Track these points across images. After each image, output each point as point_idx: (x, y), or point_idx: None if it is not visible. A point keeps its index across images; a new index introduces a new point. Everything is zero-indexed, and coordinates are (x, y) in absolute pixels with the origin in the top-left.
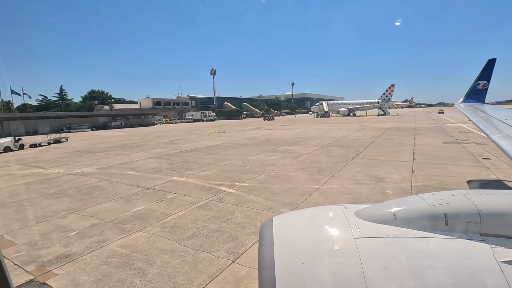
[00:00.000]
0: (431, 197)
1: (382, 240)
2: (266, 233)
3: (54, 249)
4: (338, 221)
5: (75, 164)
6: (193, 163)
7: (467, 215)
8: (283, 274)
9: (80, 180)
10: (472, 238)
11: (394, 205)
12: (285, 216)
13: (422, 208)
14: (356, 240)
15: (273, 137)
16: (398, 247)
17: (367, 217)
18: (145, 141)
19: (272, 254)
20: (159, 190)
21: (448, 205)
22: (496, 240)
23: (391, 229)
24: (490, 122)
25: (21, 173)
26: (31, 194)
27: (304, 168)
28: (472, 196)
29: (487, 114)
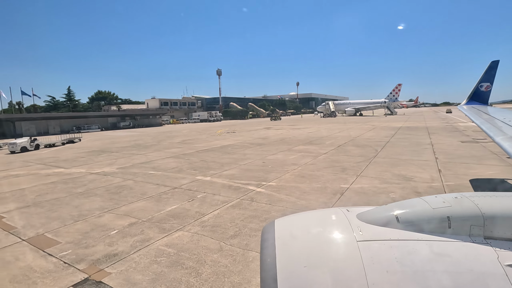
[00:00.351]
0: (434, 199)
1: (384, 243)
2: (268, 236)
3: (99, 247)
4: (340, 224)
5: (95, 164)
6: (213, 163)
7: (471, 218)
8: (285, 277)
9: (104, 180)
10: (475, 241)
11: (396, 208)
12: (287, 219)
13: (425, 211)
14: (358, 243)
15: (285, 137)
16: (401, 250)
17: (370, 220)
18: (158, 141)
19: (274, 257)
20: (187, 190)
21: (451, 208)
22: (500, 243)
23: (394, 232)
24: (493, 123)
25: (44, 173)
26: (60, 193)
27: (327, 167)
28: (475, 199)
29: (490, 116)
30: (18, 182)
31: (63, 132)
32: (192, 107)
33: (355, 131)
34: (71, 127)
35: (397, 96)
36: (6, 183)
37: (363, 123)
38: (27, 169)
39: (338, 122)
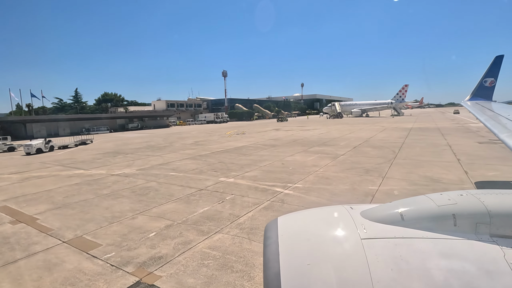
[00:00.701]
0: (439, 197)
1: (389, 241)
2: (271, 233)
3: (142, 250)
4: (344, 222)
5: (113, 165)
6: (232, 164)
7: (476, 215)
8: (288, 275)
9: (127, 181)
10: (481, 239)
11: (401, 205)
12: (290, 216)
13: (430, 209)
14: (362, 241)
15: (297, 138)
16: (406, 248)
17: (374, 217)
18: (169, 142)
19: (277, 255)
20: (214, 191)
21: (456, 205)
22: (506, 241)
23: (398, 229)
24: (497, 120)
25: (65, 174)
26: (87, 194)
27: (349, 169)
28: (481, 196)
29: (495, 113)
30: (42, 183)
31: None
32: (198, 108)
33: (366, 132)
34: (80, 128)
35: (403, 97)
36: (31, 184)
37: (371, 124)
38: (47, 170)
39: (347, 123)
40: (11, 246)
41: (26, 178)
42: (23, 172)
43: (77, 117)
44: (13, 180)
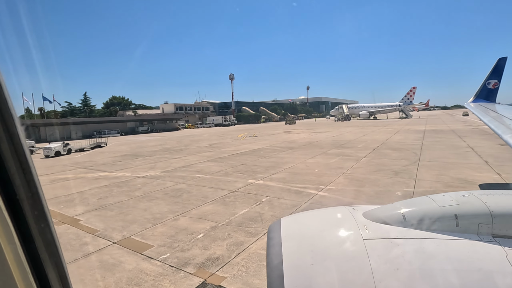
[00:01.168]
0: (441, 198)
1: (391, 241)
2: (274, 234)
3: (196, 251)
4: (347, 222)
5: (136, 168)
6: (255, 166)
7: (479, 216)
8: (291, 275)
9: (156, 183)
10: (484, 240)
11: (403, 206)
12: (293, 217)
13: (432, 209)
14: (365, 242)
15: (312, 141)
16: (408, 248)
17: (376, 218)
18: (184, 145)
19: (281, 255)
20: (247, 193)
21: (458, 206)
22: (509, 242)
23: (401, 230)
24: (501, 121)
25: (91, 176)
26: (121, 196)
27: (376, 171)
28: (483, 197)
29: (498, 114)
30: (72, 185)
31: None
32: (206, 111)
33: (380, 135)
34: (91, 132)
35: (411, 99)
36: (60, 186)
37: (382, 126)
38: (71, 173)
39: (357, 126)
40: (64, 247)
41: (53, 181)
42: (48, 175)
43: (89, 120)
44: (41, 182)
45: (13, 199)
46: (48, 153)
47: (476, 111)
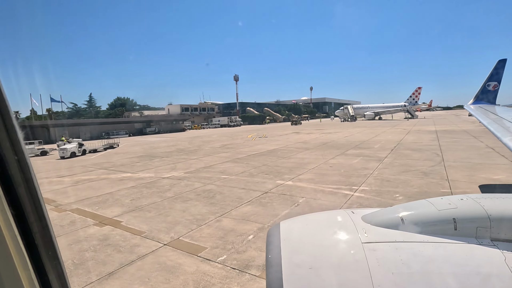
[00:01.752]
0: (439, 201)
1: (390, 245)
2: (273, 238)
3: (253, 253)
4: (345, 226)
5: (157, 169)
6: (277, 167)
7: (477, 219)
8: (291, 279)
9: (183, 184)
10: (482, 243)
11: (401, 209)
12: (292, 221)
13: (431, 213)
14: (363, 245)
15: (325, 141)
16: (407, 252)
17: (375, 221)
18: (197, 146)
19: (280, 259)
20: (281, 194)
21: (457, 210)
22: (507, 245)
23: (399, 233)
24: (501, 123)
25: (114, 177)
26: (153, 197)
27: (404, 171)
28: (482, 201)
29: (498, 116)
30: (98, 186)
31: (93, 138)
32: (211, 112)
33: (392, 135)
34: (100, 132)
35: (417, 99)
36: (87, 187)
37: (391, 127)
38: (93, 174)
39: (365, 126)
40: (116, 248)
41: (78, 182)
42: (71, 176)
43: (98, 121)
44: (66, 183)
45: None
46: (64, 154)
47: (476, 113)
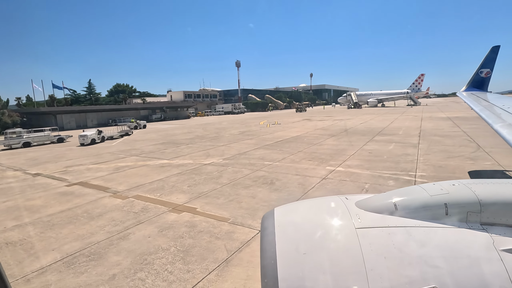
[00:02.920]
0: (432, 187)
1: (382, 230)
2: (267, 224)
3: None
4: (339, 212)
5: (191, 155)
6: (315, 153)
7: (468, 204)
8: (285, 264)
9: (231, 171)
10: (472, 227)
11: (395, 195)
12: (287, 207)
13: (423, 198)
14: (357, 230)
15: (344, 128)
16: (399, 236)
17: (368, 207)
18: (215, 133)
19: (274, 245)
20: (341, 180)
21: (448, 195)
22: (496, 229)
23: (392, 219)
24: (492, 110)
25: (153, 164)
26: (209, 184)
27: (449, 157)
28: (473, 186)
29: (490, 103)
30: (143, 173)
31: (99, 125)
32: (213, 99)
33: (408, 122)
34: (106, 120)
35: (419, 86)
36: (132, 174)
37: (400, 114)
38: (127, 161)
39: (373, 113)
40: (211, 235)
41: (118, 169)
42: (105, 163)
43: (103, 108)
44: (106, 170)
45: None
46: (84, 141)
47: (468, 100)
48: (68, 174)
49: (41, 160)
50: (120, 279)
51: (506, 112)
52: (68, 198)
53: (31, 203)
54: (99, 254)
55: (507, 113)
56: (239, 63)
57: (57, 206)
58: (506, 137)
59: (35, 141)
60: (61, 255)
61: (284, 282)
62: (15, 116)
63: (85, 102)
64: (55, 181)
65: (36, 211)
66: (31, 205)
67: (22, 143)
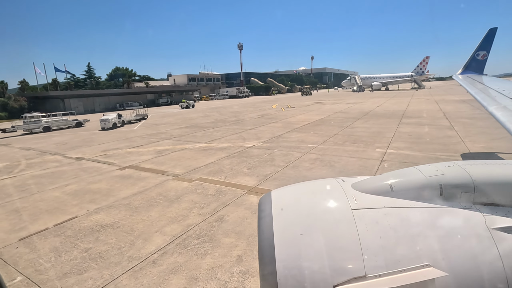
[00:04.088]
0: (427, 168)
1: (378, 211)
2: (265, 206)
3: None
4: (336, 194)
5: (225, 139)
6: (353, 136)
7: (462, 185)
8: (282, 245)
9: (280, 153)
10: (465, 207)
11: (391, 177)
12: (284, 189)
13: (418, 179)
14: (353, 212)
15: (363, 111)
16: (394, 217)
17: (364, 189)
18: (233, 116)
19: (271, 227)
20: (401, 162)
21: (443, 176)
22: (488, 209)
23: (388, 200)
24: (487, 93)
25: (193, 147)
26: (267, 166)
27: (494, 139)
28: (467, 167)
29: (485, 86)
30: (190, 156)
31: (107, 110)
32: (217, 83)
33: (425, 105)
34: (114, 104)
35: (424, 69)
36: (179, 157)
37: (410, 97)
38: (164, 144)
39: (382, 97)
40: None
41: (160, 152)
42: (141, 147)
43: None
44: (148, 154)
45: None
46: (106, 125)
47: (464, 83)
48: (111, 158)
49: (71, 144)
50: (248, 261)
51: (500, 95)
52: (130, 181)
53: (96, 186)
54: (207, 236)
55: (502, 96)
56: (241, 45)
57: (125, 189)
58: (500, 119)
59: (54, 126)
60: (169, 237)
61: (281, 262)
62: (22, 100)
63: (85, 86)
64: (104, 165)
65: (108, 194)
66: (97, 188)
67: (42, 127)
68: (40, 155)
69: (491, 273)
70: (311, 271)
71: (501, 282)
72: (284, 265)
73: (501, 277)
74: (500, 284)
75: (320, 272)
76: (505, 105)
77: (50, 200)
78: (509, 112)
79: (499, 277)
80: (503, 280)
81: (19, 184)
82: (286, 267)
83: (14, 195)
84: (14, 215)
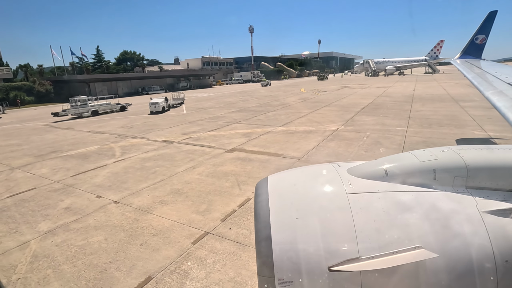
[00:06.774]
0: (422, 153)
1: (373, 195)
2: (261, 191)
3: None
4: (331, 178)
5: (294, 123)
6: (418, 119)
7: (455, 169)
8: (278, 229)
9: (377, 136)
10: (458, 191)
11: (386, 162)
12: (280, 174)
13: (413, 164)
14: (348, 196)
15: (406, 94)
16: (388, 201)
17: (360, 174)
18: (273, 100)
19: (268, 211)
20: None
21: (437, 161)
22: (480, 192)
23: (382, 184)
24: (484, 78)
25: (276, 131)
26: (386, 151)
27: None
28: (461, 152)
29: (482, 70)
30: (285, 139)
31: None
32: (229, 67)
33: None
34: (136, 88)
35: (438, 53)
36: (272, 140)
37: (431, 81)
38: (236, 128)
39: (403, 81)
40: None
41: (245, 135)
42: (216, 130)
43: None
44: (234, 137)
45: None
46: (155, 109)
47: (461, 68)
48: (201, 141)
49: (138, 128)
50: None
51: (497, 79)
52: (256, 164)
53: (227, 169)
54: None
55: (499, 80)
56: (252, 28)
57: (264, 172)
58: (495, 104)
59: (101, 110)
60: None
61: (277, 245)
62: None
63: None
64: (206, 148)
65: (253, 177)
66: (230, 170)
67: (91, 111)
68: (122, 138)
69: (479, 253)
70: (307, 253)
71: (489, 262)
72: (280, 248)
73: (489, 257)
74: (488, 264)
75: (315, 254)
76: (502, 90)
77: (196, 182)
78: (505, 97)
79: (487, 258)
80: (491, 260)
81: (139, 167)
82: (282, 249)
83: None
84: None
